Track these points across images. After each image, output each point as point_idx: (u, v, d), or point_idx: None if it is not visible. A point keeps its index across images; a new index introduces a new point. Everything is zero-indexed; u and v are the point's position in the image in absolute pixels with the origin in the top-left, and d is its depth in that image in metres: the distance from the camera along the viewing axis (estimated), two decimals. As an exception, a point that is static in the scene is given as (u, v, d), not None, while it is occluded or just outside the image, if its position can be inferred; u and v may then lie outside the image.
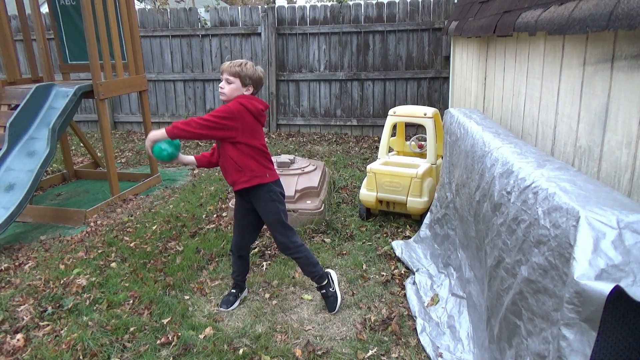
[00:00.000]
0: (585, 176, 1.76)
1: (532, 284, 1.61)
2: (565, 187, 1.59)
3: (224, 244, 3.60)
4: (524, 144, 2.30)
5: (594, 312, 1.27)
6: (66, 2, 5.02)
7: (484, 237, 2.16)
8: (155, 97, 7.93)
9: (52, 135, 4.07)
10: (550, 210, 1.55)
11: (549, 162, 1.95)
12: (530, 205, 1.69)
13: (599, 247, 1.31)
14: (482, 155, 2.37)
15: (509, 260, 1.83)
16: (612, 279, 1.26)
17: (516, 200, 1.82)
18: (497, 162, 2.14)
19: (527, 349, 1.62)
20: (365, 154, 6.33)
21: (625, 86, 1.74)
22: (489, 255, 2.08)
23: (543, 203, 1.61)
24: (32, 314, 2.73)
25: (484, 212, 2.18)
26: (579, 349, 1.31)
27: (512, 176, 1.92)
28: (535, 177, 1.76)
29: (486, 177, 2.21)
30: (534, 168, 1.85)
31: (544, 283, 1.52)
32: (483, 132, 2.57)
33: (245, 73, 2.46)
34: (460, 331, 2.41)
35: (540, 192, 1.65)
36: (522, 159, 2.01)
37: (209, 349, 2.40)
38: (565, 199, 1.50)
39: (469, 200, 2.51)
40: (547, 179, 1.70)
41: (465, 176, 2.63)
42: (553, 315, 1.45)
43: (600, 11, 1.66)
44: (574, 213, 1.41)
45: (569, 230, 1.40)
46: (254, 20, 7.33)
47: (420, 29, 6.92)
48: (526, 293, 1.65)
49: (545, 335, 1.49)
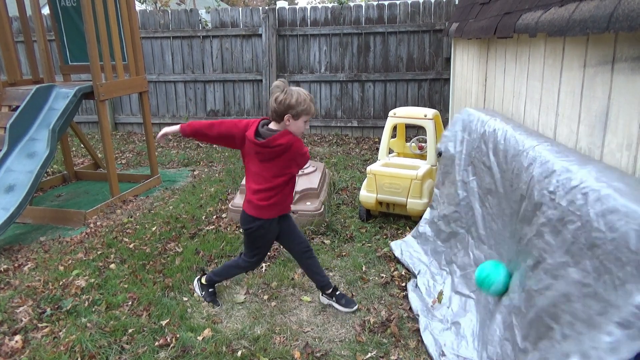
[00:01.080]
0: (634, 177, 1.70)
1: (582, 288, 1.56)
2: (619, 188, 1.54)
3: (224, 245, 3.60)
4: (558, 144, 2.26)
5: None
6: (67, 4, 5.03)
7: (522, 237, 2.12)
8: (156, 98, 7.93)
9: (52, 136, 4.07)
10: (605, 212, 1.49)
11: (591, 161, 1.89)
12: (580, 207, 1.63)
13: None
14: (515, 154, 2.32)
15: (551, 261, 1.78)
16: None
17: (561, 201, 1.77)
18: (535, 161, 2.09)
19: (560, 352, 1.58)
20: (365, 155, 6.33)
21: (625, 88, 1.73)
22: (525, 254, 2.02)
23: (595, 205, 1.55)
24: (30, 315, 2.72)
25: (522, 212, 2.13)
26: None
27: (554, 175, 1.87)
28: (582, 176, 1.71)
29: (523, 177, 2.17)
30: (578, 167, 1.80)
31: (595, 287, 1.48)
32: (515, 130, 2.54)
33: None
34: (465, 329, 2.39)
35: (591, 193, 1.60)
36: (562, 157, 1.96)
37: (208, 351, 2.40)
38: (622, 201, 1.45)
39: (501, 200, 2.45)
40: (596, 179, 1.65)
41: (499, 175, 2.56)
42: (596, 320, 1.42)
43: (600, 13, 1.66)
44: (635, 216, 1.37)
45: (629, 234, 1.36)
46: (255, 21, 7.33)
47: (421, 30, 6.91)
48: (572, 296, 1.60)
49: (582, 339, 1.46)
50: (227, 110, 7.79)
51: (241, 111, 7.76)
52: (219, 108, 7.81)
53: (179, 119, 7.93)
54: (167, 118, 7.97)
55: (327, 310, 2.79)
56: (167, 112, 7.99)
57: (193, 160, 6.32)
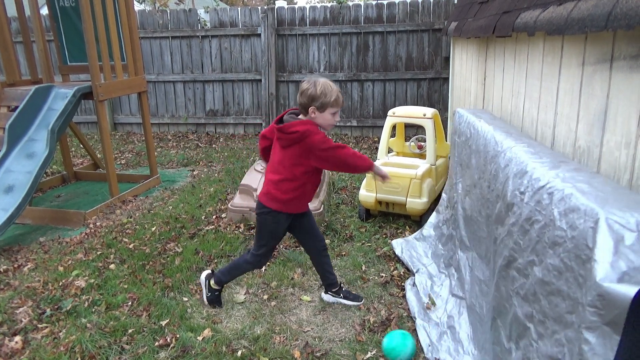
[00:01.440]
0: (602, 178, 1.73)
1: (545, 286, 1.58)
2: (582, 188, 1.56)
3: (223, 245, 3.60)
4: (538, 144, 2.28)
5: (617, 315, 1.24)
6: (65, 4, 5.02)
7: (496, 237, 2.14)
8: (155, 98, 7.93)
9: (52, 136, 4.07)
10: (567, 211, 1.52)
11: (564, 162, 1.92)
12: (545, 206, 1.66)
13: (619, 249, 1.29)
14: (494, 155, 2.35)
15: (521, 261, 1.81)
16: (634, 281, 1.24)
17: (530, 201, 1.79)
18: (511, 162, 2.12)
19: (536, 352, 1.60)
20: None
21: (624, 86, 1.74)
22: (499, 255, 2.06)
23: (559, 204, 1.58)
24: (30, 316, 2.72)
25: (496, 213, 2.16)
26: (601, 353, 1.29)
27: (526, 176, 1.90)
28: (550, 177, 1.73)
29: (500, 177, 2.19)
30: (548, 168, 1.82)
31: (558, 285, 1.50)
32: (495, 131, 2.55)
33: None
34: (460, 332, 2.40)
35: (556, 193, 1.62)
36: (536, 159, 1.98)
37: (208, 351, 2.40)
38: (583, 200, 1.47)
39: (480, 201, 2.49)
40: (563, 179, 1.67)
41: (477, 176, 2.61)
42: (567, 318, 1.43)
43: (598, 11, 1.66)
44: (592, 214, 1.38)
45: (587, 232, 1.38)
46: (254, 21, 7.33)
47: (420, 29, 6.91)
48: (539, 294, 1.63)
49: (559, 338, 1.47)
50: (227, 110, 7.79)
51: (240, 111, 7.76)
52: (218, 108, 7.81)
53: (178, 119, 7.94)
54: (166, 118, 7.97)
55: (327, 309, 2.79)
56: (166, 112, 7.99)
57: (192, 160, 6.32)
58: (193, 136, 7.80)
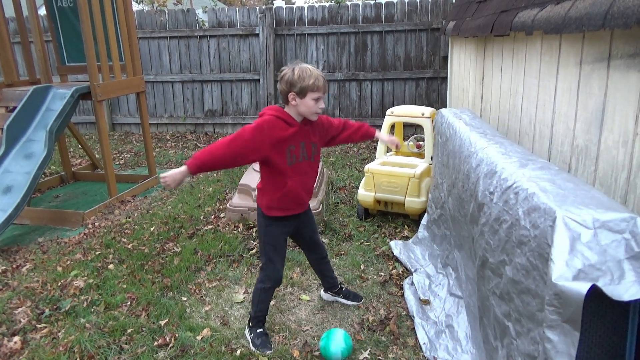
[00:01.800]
0: (566, 175, 1.76)
1: (516, 285, 1.61)
2: (544, 187, 1.59)
3: (222, 245, 3.60)
4: (510, 144, 2.30)
5: (574, 312, 1.27)
6: (63, 4, 5.02)
7: (473, 237, 2.16)
8: (153, 99, 7.92)
9: (50, 137, 4.06)
10: (530, 210, 1.54)
11: (532, 161, 1.94)
12: (512, 206, 1.69)
13: (575, 247, 1.31)
14: (468, 156, 2.37)
15: (493, 261, 1.83)
16: (589, 278, 1.26)
17: (498, 201, 1.82)
18: (482, 163, 2.14)
19: (517, 349, 1.62)
20: (363, 154, 6.33)
21: (621, 85, 1.74)
22: (476, 254, 2.08)
23: (523, 203, 1.61)
24: (29, 316, 2.72)
25: (470, 213, 2.18)
26: (563, 350, 1.31)
27: (495, 176, 1.92)
28: (516, 177, 1.76)
29: (472, 178, 2.21)
30: (516, 168, 1.85)
31: (527, 284, 1.52)
32: (470, 132, 2.57)
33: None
34: (459, 331, 2.40)
35: (521, 192, 1.65)
36: (506, 159, 2.01)
37: (207, 350, 2.40)
38: (543, 199, 1.49)
39: (458, 201, 2.51)
40: (528, 178, 1.70)
41: (454, 176, 2.63)
42: (538, 316, 1.45)
43: (596, 10, 1.66)
44: (550, 213, 1.41)
45: (547, 231, 1.40)
46: (252, 21, 7.33)
47: (418, 29, 6.92)
48: (512, 294, 1.65)
49: (534, 336, 1.48)
50: (225, 110, 7.79)
51: (239, 111, 7.75)
52: (217, 108, 7.81)
53: (176, 119, 7.93)
54: (165, 118, 7.96)
55: (326, 309, 2.79)
56: (164, 112, 7.99)
57: (191, 160, 6.31)
58: (191, 136, 7.80)
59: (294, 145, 2.22)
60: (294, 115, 2.22)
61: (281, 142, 2.18)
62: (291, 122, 2.21)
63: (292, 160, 2.23)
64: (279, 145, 2.18)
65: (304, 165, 2.30)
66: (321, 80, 2.15)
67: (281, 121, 2.19)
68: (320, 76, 2.16)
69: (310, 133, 2.29)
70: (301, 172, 2.29)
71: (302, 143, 2.25)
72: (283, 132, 2.18)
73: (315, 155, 2.35)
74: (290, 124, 2.20)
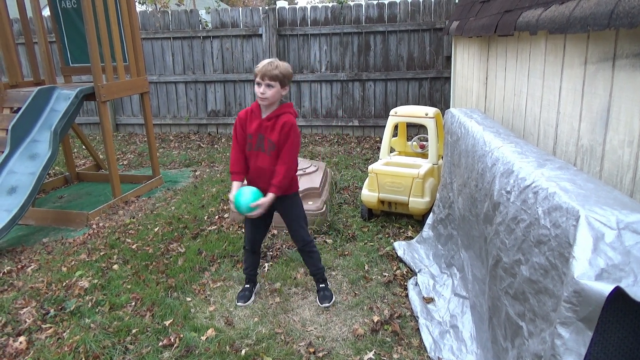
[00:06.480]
0: (585, 175, 1.75)
1: (533, 284, 1.60)
2: (565, 187, 1.58)
3: (226, 245, 3.60)
4: (525, 144, 2.30)
5: (592, 312, 1.26)
6: (67, 5, 5.03)
7: (486, 237, 2.16)
8: (156, 99, 7.94)
9: (54, 137, 4.08)
10: (551, 209, 1.54)
11: (550, 161, 1.94)
12: (530, 205, 1.68)
13: (598, 246, 1.30)
14: (482, 155, 2.37)
15: (507, 260, 1.82)
16: (612, 279, 1.25)
17: (516, 200, 1.81)
18: (497, 162, 2.13)
19: (527, 350, 1.61)
20: (366, 155, 6.33)
21: (627, 85, 1.73)
22: (489, 254, 2.08)
23: (543, 202, 1.60)
24: (34, 316, 2.73)
25: (484, 212, 2.18)
26: (573, 348, 1.30)
27: (512, 176, 1.91)
28: (535, 176, 1.75)
29: (487, 177, 2.21)
30: (534, 168, 1.84)
31: (545, 283, 1.51)
32: (484, 131, 2.57)
33: (284, 74, 2.48)
34: (463, 331, 2.40)
35: (541, 192, 1.64)
36: (522, 158, 2.00)
37: (212, 351, 2.40)
38: (565, 199, 1.49)
39: (470, 200, 2.50)
40: (547, 178, 1.69)
41: (466, 176, 2.63)
42: (552, 316, 1.44)
43: (601, 10, 1.66)
44: (573, 212, 1.40)
45: (569, 230, 1.39)
46: (255, 21, 7.33)
47: (421, 29, 6.91)
48: (527, 294, 1.64)
49: (544, 336, 1.48)
50: (228, 111, 7.80)
51: (242, 111, 7.76)
52: (220, 108, 7.82)
53: (179, 120, 7.95)
54: (168, 119, 7.98)
55: (330, 309, 2.79)
56: (168, 113, 8.00)
57: (194, 161, 6.33)
58: (195, 137, 7.81)
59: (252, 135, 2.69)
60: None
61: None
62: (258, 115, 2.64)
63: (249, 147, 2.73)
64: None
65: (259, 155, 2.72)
66: (260, 66, 2.45)
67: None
68: (265, 64, 2.44)
69: (269, 129, 2.59)
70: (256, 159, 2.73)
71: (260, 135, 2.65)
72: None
73: (272, 151, 2.63)
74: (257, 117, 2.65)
